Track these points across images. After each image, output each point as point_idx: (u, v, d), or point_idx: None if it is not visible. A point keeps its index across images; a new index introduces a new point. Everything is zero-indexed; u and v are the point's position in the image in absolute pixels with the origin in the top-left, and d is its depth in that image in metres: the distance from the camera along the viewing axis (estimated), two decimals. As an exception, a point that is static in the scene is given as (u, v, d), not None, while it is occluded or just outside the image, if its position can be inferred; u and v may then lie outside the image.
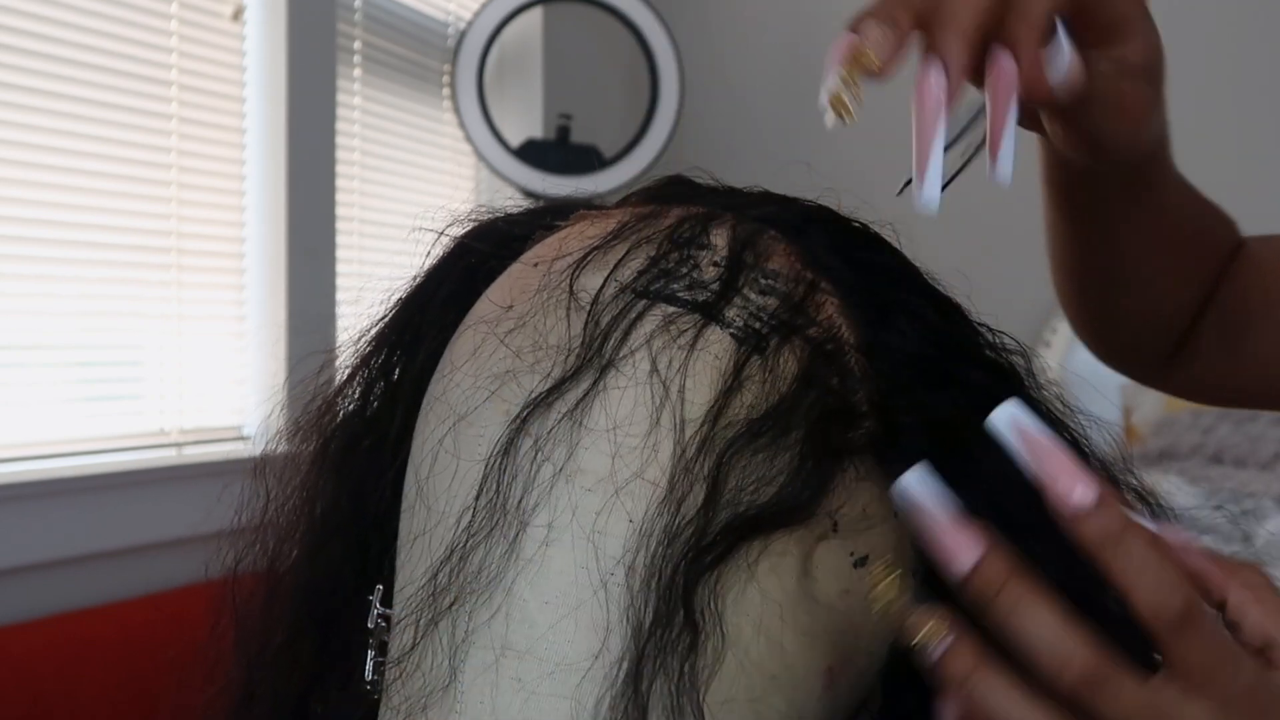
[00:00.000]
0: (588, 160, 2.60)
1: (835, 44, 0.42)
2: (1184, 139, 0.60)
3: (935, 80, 0.42)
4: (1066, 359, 2.78)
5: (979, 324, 0.47)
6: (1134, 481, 0.48)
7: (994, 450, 0.44)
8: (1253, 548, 2.00)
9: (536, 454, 0.41)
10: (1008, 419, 0.37)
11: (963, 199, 0.51)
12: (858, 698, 0.44)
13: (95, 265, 1.77)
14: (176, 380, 1.89)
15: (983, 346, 0.47)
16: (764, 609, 0.40)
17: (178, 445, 1.88)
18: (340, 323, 2.12)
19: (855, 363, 0.43)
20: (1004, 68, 0.42)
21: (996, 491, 0.44)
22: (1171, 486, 2.19)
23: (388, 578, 0.46)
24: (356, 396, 0.50)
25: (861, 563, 0.42)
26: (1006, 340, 0.47)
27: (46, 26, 1.67)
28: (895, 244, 0.48)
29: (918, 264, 0.48)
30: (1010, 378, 0.46)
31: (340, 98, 2.20)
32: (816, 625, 0.41)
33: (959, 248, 1.04)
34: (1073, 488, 0.35)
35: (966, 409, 0.44)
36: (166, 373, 1.87)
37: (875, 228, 0.49)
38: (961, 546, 0.36)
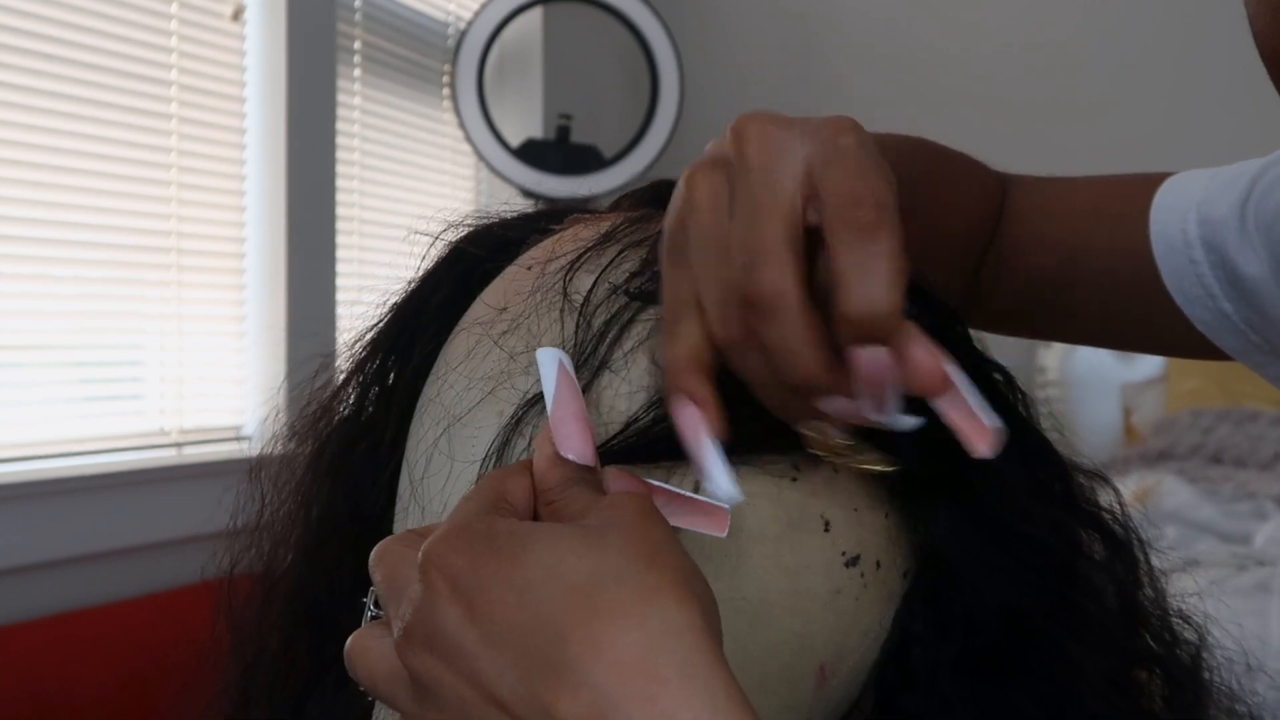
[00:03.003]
0: (588, 160, 2.60)
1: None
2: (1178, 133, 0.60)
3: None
4: (1066, 361, 2.78)
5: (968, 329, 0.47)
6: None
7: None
8: (1253, 548, 2.00)
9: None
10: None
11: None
12: (849, 699, 0.44)
13: (95, 265, 1.77)
14: (176, 380, 1.89)
15: (974, 350, 0.47)
16: (756, 607, 0.41)
17: (178, 445, 1.88)
18: (340, 323, 2.12)
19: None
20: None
21: (990, 492, 0.44)
22: (1171, 486, 2.19)
23: (383, 580, 0.47)
24: (352, 401, 0.51)
25: (853, 562, 0.42)
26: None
27: (46, 26, 1.67)
28: None
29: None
30: (1000, 383, 0.47)
31: (340, 98, 2.20)
32: (809, 624, 0.41)
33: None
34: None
35: None
36: (166, 373, 1.87)
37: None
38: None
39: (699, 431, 0.37)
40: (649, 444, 0.41)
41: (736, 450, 0.41)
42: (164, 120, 1.86)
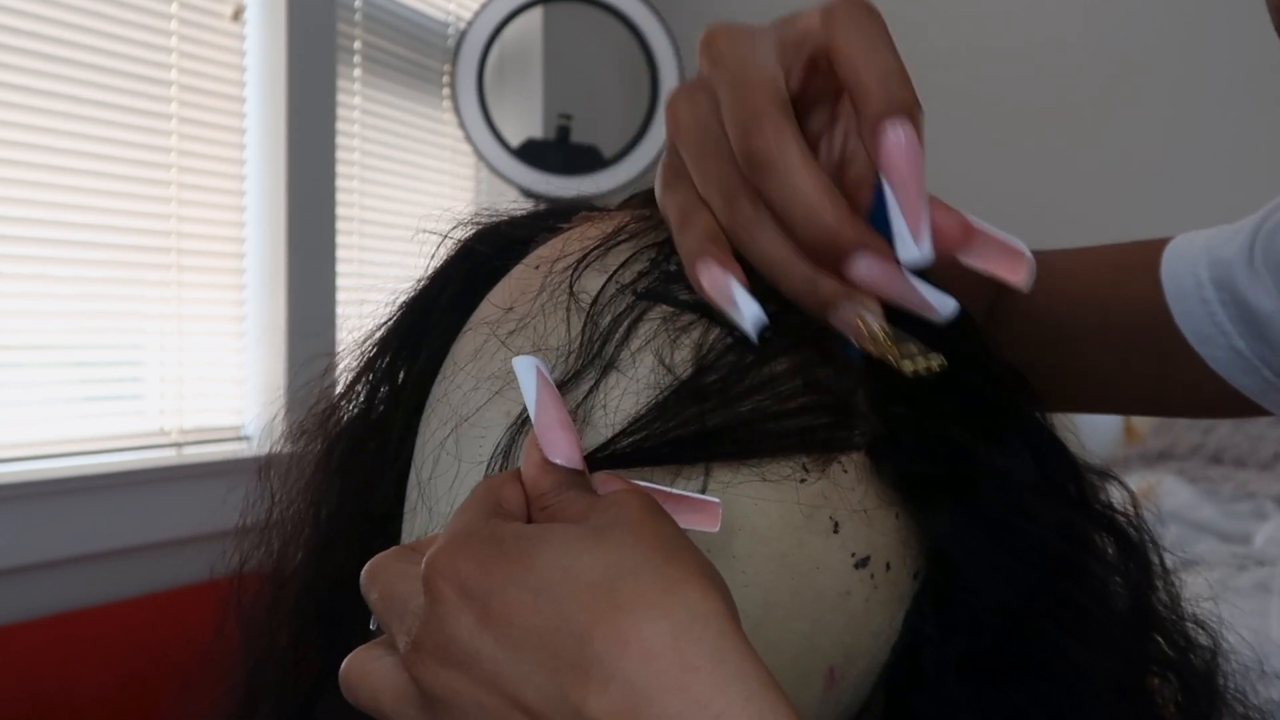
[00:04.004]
0: (588, 160, 2.60)
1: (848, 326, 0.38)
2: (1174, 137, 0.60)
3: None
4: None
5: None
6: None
7: (994, 453, 0.44)
8: (1253, 548, 2.00)
9: None
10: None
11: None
12: (859, 700, 0.44)
13: (95, 265, 1.77)
14: (176, 380, 1.89)
15: (987, 350, 0.47)
16: (764, 609, 0.40)
17: (178, 445, 1.88)
18: (340, 323, 2.12)
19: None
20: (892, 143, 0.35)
21: (996, 492, 0.44)
22: (1171, 486, 2.19)
23: (390, 580, 0.46)
24: (361, 400, 0.50)
25: (862, 564, 0.42)
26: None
27: (46, 26, 1.67)
28: None
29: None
30: (1008, 384, 0.47)
31: (340, 98, 2.20)
32: (817, 625, 0.41)
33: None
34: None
35: (966, 412, 0.44)
36: (166, 373, 1.87)
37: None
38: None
39: (725, 280, 0.37)
40: (654, 447, 0.40)
41: (745, 452, 0.41)
42: (164, 120, 1.86)
